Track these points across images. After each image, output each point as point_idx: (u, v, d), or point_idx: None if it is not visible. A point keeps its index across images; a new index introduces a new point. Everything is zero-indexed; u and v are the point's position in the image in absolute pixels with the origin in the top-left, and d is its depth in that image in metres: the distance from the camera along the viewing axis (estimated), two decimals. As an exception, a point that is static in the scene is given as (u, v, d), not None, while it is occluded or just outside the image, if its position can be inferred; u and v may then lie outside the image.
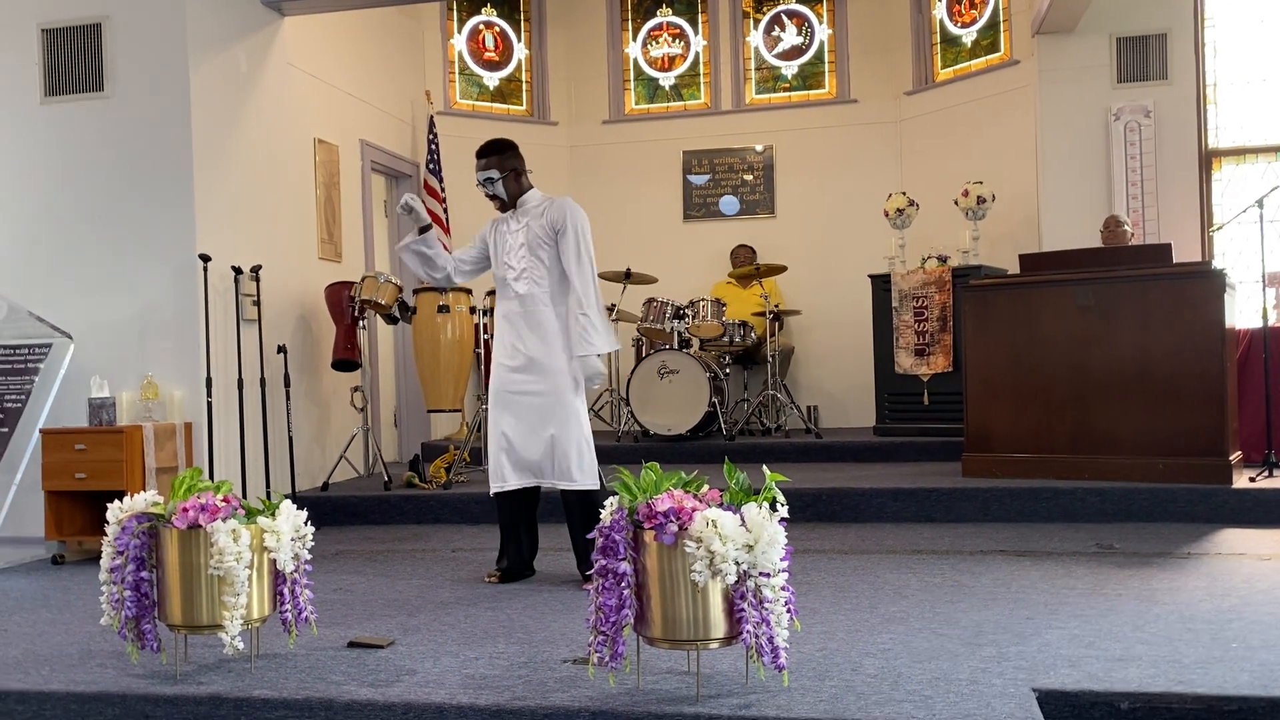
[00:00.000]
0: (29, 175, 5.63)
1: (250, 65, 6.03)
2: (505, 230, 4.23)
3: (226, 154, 5.76)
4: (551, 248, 4.12)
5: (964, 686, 2.62)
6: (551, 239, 4.12)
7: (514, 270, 4.16)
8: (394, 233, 8.02)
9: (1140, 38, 7.24)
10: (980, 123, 8.02)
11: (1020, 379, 5.60)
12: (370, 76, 7.56)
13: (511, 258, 4.17)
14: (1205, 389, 5.15)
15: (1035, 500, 5.22)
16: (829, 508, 5.44)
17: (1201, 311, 5.17)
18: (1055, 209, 7.36)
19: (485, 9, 9.00)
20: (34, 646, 3.36)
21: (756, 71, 9.03)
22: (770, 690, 2.61)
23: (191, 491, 2.90)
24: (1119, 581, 3.82)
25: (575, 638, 3.22)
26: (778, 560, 2.47)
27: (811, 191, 8.72)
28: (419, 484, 6.11)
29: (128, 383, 5.42)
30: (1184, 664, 2.78)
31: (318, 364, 6.59)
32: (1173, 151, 7.21)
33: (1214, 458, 5.12)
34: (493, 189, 4.18)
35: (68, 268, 5.57)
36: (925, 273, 7.00)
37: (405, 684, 2.78)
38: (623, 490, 2.59)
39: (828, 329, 8.51)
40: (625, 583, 2.52)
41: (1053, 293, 5.53)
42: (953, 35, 8.36)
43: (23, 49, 5.62)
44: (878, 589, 3.84)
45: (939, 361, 6.92)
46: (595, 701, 2.57)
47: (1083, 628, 3.19)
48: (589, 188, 9.02)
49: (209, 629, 2.85)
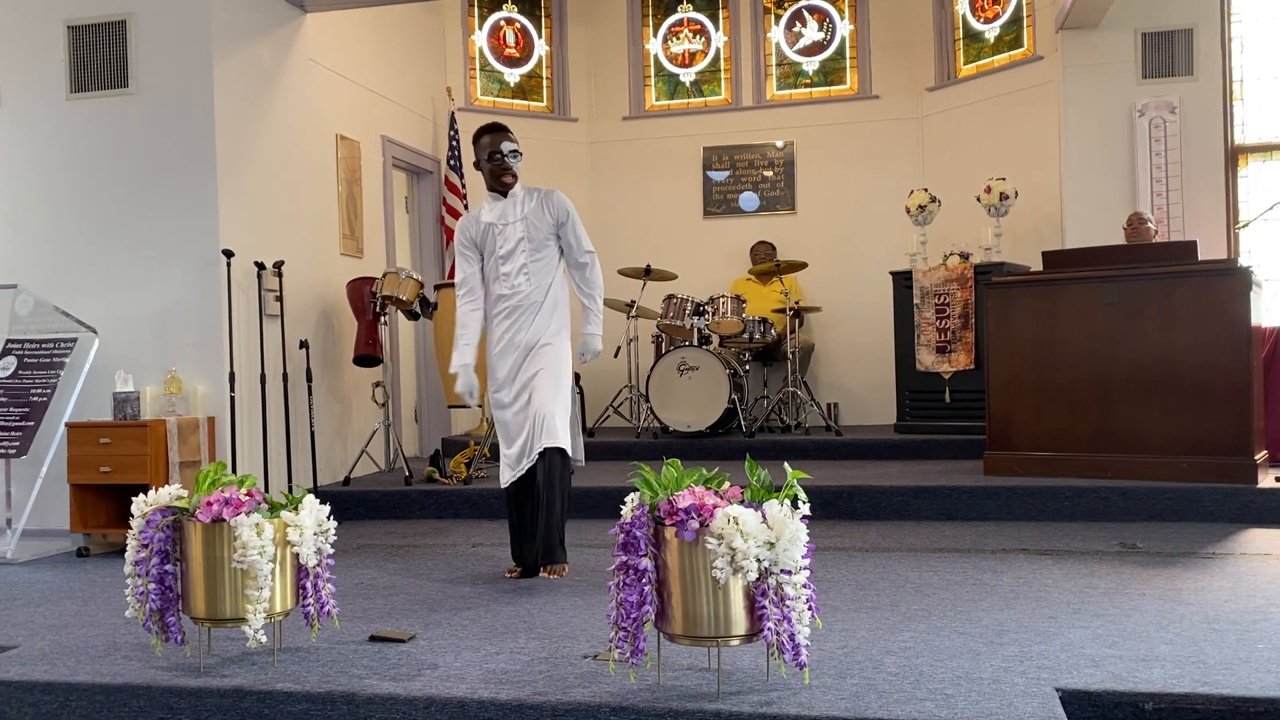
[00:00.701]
0: (55, 171, 5.69)
1: (273, 62, 6.06)
2: (495, 228, 4.16)
3: (249, 150, 5.80)
4: (554, 240, 4.16)
5: (986, 685, 2.61)
6: (554, 232, 4.15)
7: (514, 265, 4.11)
8: (415, 228, 8.05)
9: (1166, 33, 7.17)
10: (1003, 119, 7.97)
11: (1043, 377, 5.57)
12: (392, 72, 7.58)
13: (511, 254, 4.12)
14: (1230, 387, 5.10)
15: (1058, 499, 5.19)
16: (849, 505, 5.42)
17: (1227, 309, 5.13)
18: (1078, 205, 7.31)
19: (506, 5, 9.01)
20: (60, 638, 3.39)
21: (777, 67, 9.01)
22: (791, 688, 2.60)
23: (215, 485, 2.92)
24: (1142, 581, 3.80)
25: (595, 633, 3.23)
26: (799, 557, 2.46)
27: (832, 187, 8.69)
28: (439, 479, 6.13)
29: (151, 377, 5.47)
30: (1209, 664, 2.75)
31: (339, 359, 6.62)
32: (1198, 148, 7.14)
33: (1239, 457, 5.08)
34: (516, 164, 4.14)
35: (93, 263, 5.62)
36: (947, 269, 6.97)
37: (426, 678, 2.79)
38: (644, 486, 2.59)
39: (848, 326, 8.48)
40: (646, 579, 2.52)
41: (1076, 290, 5.49)
42: (975, 30, 8.31)
43: (49, 46, 5.67)
44: (899, 587, 3.82)
45: (961, 359, 6.89)
46: (616, 697, 2.57)
47: (1106, 627, 3.16)
48: (609, 184, 9.03)
49: (232, 622, 2.87)
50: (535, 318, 4.12)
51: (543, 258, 4.13)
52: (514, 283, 4.11)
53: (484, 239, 4.18)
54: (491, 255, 4.17)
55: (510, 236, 4.13)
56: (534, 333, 4.12)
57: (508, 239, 4.13)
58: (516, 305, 4.12)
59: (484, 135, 4.18)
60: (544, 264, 4.13)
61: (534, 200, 4.16)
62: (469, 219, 4.23)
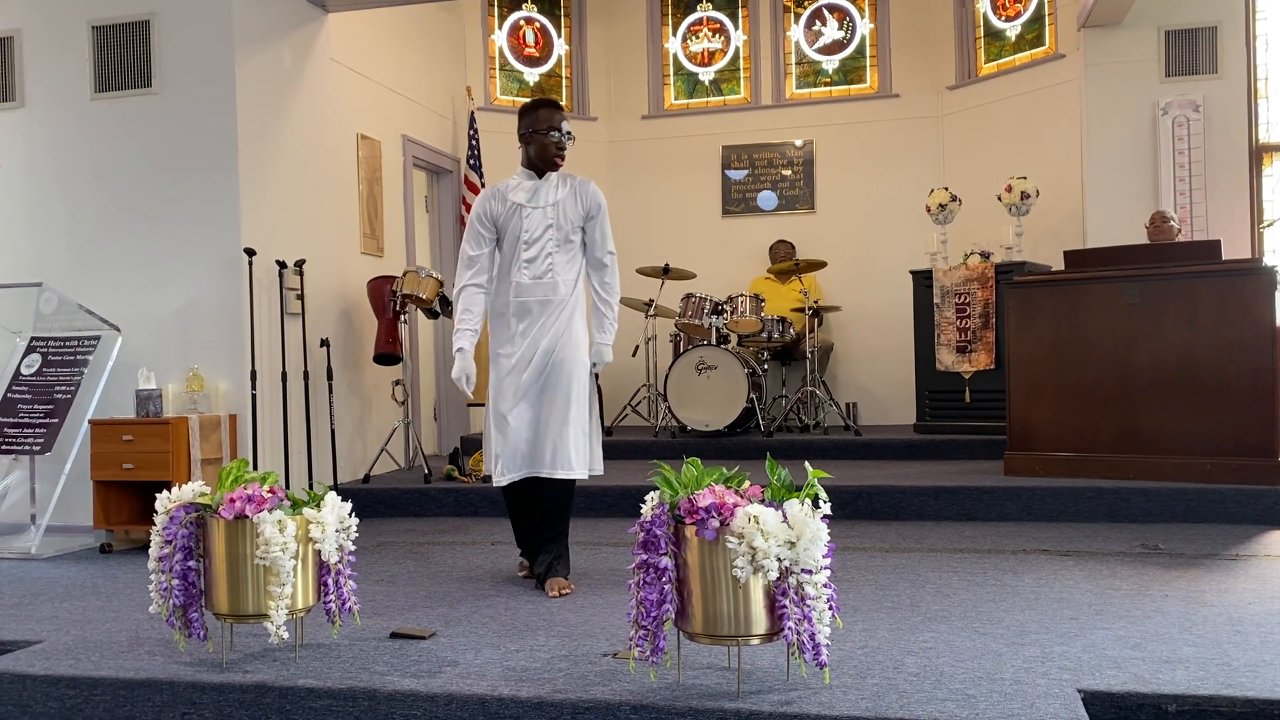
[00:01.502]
0: (78, 171, 5.74)
1: (294, 61, 6.09)
2: (523, 210, 3.84)
3: (271, 149, 5.83)
4: (579, 234, 3.90)
5: (1008, 686, 2.60)
6: (580, 224, 3.89)
7: (539, 253, 3.82)
8: (435, 227, 8.07)
9: (1189, 30, 7.12)
10: (1024, 117, 7.93)
11: (1064, 377, 5.54)
12: (412, 72, 7.61)
13: (537, 240, 3.82)
14: (1254, 388, 5.06)
15: (1079, 500, 5.16)
16: (869, 505, 5.41)
17: (1251, 309, 5.08)
18: (1100, 205, 7.26)
19: (526, 5, 9.03)
20: (84, 633, 3.42)
21: (797, 66, 8.99)
22: (812, 687, 2.60)
23: (238, 482, 2.94)
24: (1165, 583, 3.77)
25: (615, 632, 3.23)
26: (820, 557, 2.46)
27: (852, 186, 8.67)
28: (458, 477, 6.15)
29: (174, 375, 5.51)
30: (1233, 666, 2.73)
31: (360, 357, 6.65)
32: (1222, 146, 7.09)
33: (1263, 458, 5.03)
34: (569, 145, 3.87)
35: (116, 261, 5.67)
36: (968, 269, 6.94)
37: (447, 675, 2.80)
38: (664, 485, 2.59)
39: (867, 325, 8.46)
40: (666, 578, 2.52)
41: (1098, 289, 5.46)
42: (996, 29, 8.26)
43: (73, 46, 5.72)
44: (919, 587, 3.81)
45: (981, 359, 6.86)
46: (636, 696, 2.57)
47: (1128, 629, 3.14)
48: (628, 183, 9.03)
49: (254, 618, 2.89)
50: (557, 320, 3.84)
51: (570, 250, 3.86)
52: (538, 272, 3.82)
53: (509, 220, 3.85)
54: (514, 240, 3.84)
55: (539, 222, 3.83)
56: (555, 338, 3.84)
57: (535, 224, 3.83)
58: (540, 301, 3.83)
59: (542, 108, 3.85)
60: (570, 258, 3.86)
61: (566, 187, 3.87)
62: (493, 194, 3.89)
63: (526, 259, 3.83)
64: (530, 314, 3.85)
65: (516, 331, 3.86)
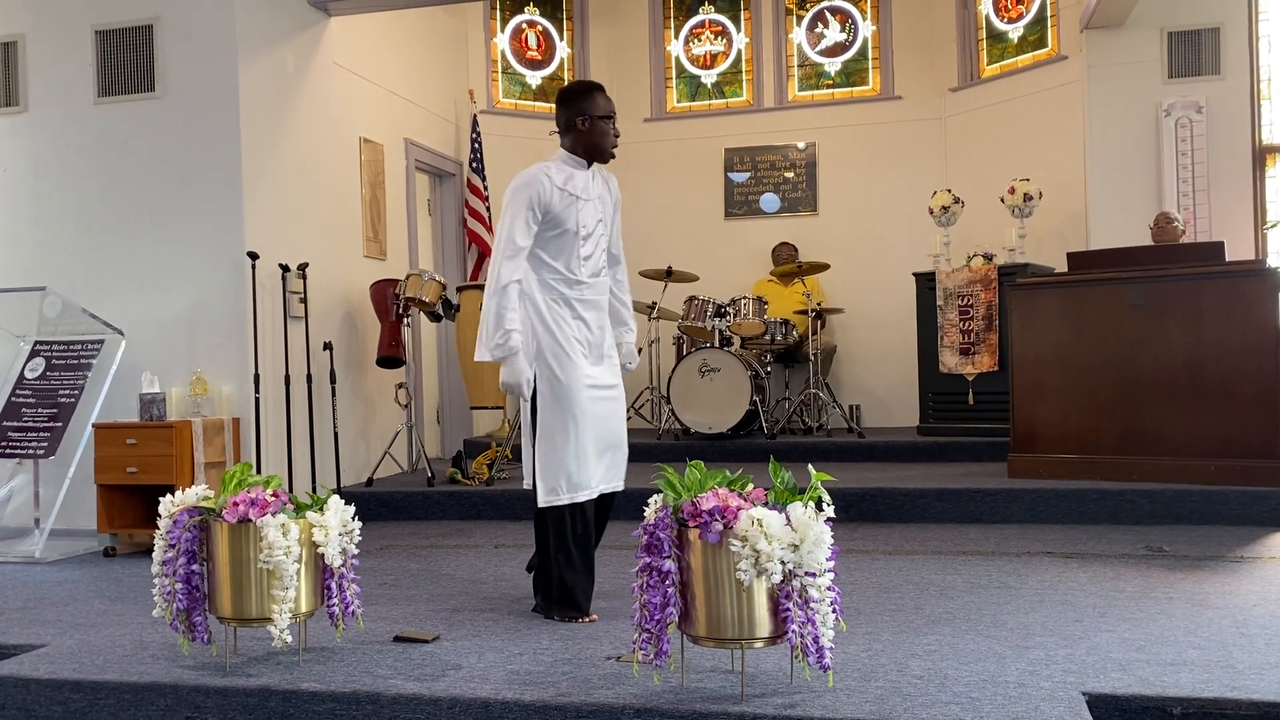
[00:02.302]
0: (82, 175, 5.75)
1: (297, 65, 6.10)
2: (574, 201, 3.46)
3: (274, 153, 5.84)
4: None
5: (1012, 689, 2.59)
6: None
7: (594, 249, 3.52)
8: (438, 231, 8.08)
9: (1192, 32, 7.11)
10: (1027, 119, 7.93)
11: (1068, 379, 5.53)
12: (414, 76, 7.62)
13: (591, 235, 3.50)
14: (1259, 389, 5.05)
15: (1083, 502, 5.15)
16: (872, 508, 5.40)
17: (1255, 311, 5.08)
18: (1104, 206, 7.25)
19: (528, 8, 9.03)
20: (88, 637, 3.43)
21: (799, 68, 8.99)
22: (815, 690, 2.60)
23: (242, 486, 2.94)
24: (1169, 585, 3.76)
25: (619, 635, 3.23)
26: (824, 560, 2.45)
27: (854, 189, 8.66)
28: (462, 480, 6.15)
29: (177, 378, 5.51)
30: (1238, 669, 2.72)
31: (363, 361, 6.66)
32: (1225, 147, 7.08)
33: (1267, 460, 5.02)
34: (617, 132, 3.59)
35: (119, 265, 5.68)
36: (970, 271, 6.93)
37: (451, 679, 2.80)
38: (667, 488, 2.58)
39: (871, 327, 8.45)
40: (670, 581, 2.52)
41: (1102, 291, 5.45)
42: (999, 31, 8.26)
43: (78, 51, 5.73)
44: (923, 590, 3.81)
45: (984, 360, 6.85)
46: (640, 699, 2.57)
47: (1133, 631, 3.14)
48: (630, 185, 8.97)
49: (258, 622, 2.89)
50: (603, 315, 3.57)
51: (602, 244, 3.57)
52: (595, 269, 3.51)
53: (565, 211, 3.44)
54: (573, 234, 3.45)
55: (592, 215, 3.51)
56: (609, 342, 3.58)
57: (590, 218, 3.50)
58: (593, 301, 3.52)
59: (599, 94, 3.54)
60: (602, 251, 3.57)
61: (598, 180, 3.59)
62: (544, 180, 3.42)
63: (584, 255, 3.48)
64: (589, 314, 3.51)
65: (584, 333, 3.49)
